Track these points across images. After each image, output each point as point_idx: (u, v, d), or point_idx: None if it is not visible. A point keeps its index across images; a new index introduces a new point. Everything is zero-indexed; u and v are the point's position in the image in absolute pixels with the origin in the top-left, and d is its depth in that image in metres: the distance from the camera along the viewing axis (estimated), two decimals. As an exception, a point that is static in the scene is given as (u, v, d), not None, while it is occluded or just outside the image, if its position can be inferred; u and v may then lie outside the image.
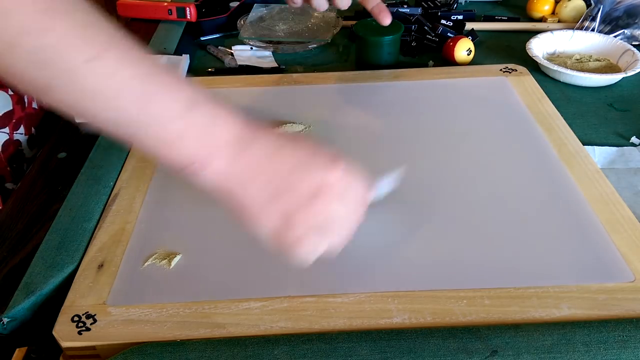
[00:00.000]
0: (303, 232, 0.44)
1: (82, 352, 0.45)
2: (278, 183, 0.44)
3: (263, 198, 0.44)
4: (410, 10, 0.99)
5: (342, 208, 0.46)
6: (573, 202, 0.56)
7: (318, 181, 0.44)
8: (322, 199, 0.44)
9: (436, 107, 0.73)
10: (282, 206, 0.44)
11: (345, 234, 0.46)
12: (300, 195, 0.44)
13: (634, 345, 0.42)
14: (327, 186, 0.44)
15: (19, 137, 0.76)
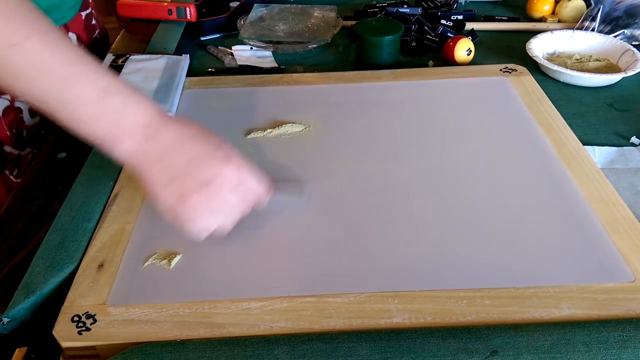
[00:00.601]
0: (195, 212, 0.51)
1: (82, 352, 0.45)
2: (178, 168, 0.51)
3: (164, 179, 0.51)
4: (410, 10, 0.99)
5: (232, 196, 0.52)
6: (573, 202, 0.56)
7: (213, 172, 0.52)
8: (215, 187, 0.51)
9: (436, 107, 0.73)
10: (179, 188, 0.51)
11: (232, 218, 0.53)
12: (196, 181, 0.51)
13: (634, 345, 0.42)
14: (220, 176, 0.52)
15: (20, 105, 0.77)
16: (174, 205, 0.51)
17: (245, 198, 0.53)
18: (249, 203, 0.54)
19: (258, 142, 0.68)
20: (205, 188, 0.51)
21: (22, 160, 0.79)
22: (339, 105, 0.74)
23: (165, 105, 0.73)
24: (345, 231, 0.54)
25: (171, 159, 0.51)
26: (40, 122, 0.81)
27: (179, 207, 0.51)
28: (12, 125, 0.77)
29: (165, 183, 0.51)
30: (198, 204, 0.51)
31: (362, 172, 0.62)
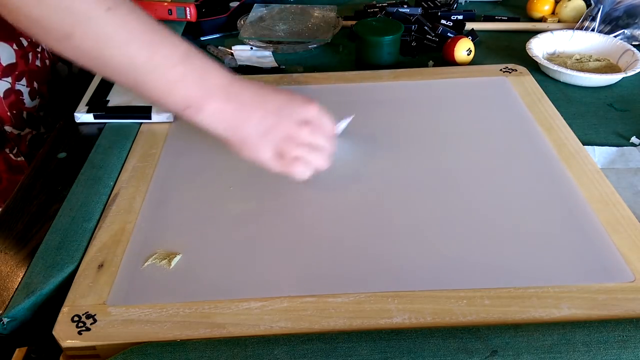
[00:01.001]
0: (296, 154, 0.56)
1: (82, 352, 0.45)
2: (271, 118, 0.55)
3: (260, 131, 0.55)
4: (410, 10, 0.99)
5: (321, 136, 0.57)
6: (573, 202, 0.56)
7: (302, 115, 0.56)
8: (307, 128, 0.56)
9: (436, 107, 0.73)
10: (277, 136, 0.55)
11: (327, 157, 0.58)
12: (290, 127, 0.55)
13: (634, 345, 0.42)
14: (309, 118, 0.56)
15: (20, 88, 0.78)
16: (273, 157, 0.55)
17: (330, 138, 0.58)
18: (333, 142, 0.59)
19: (258, 142, 0.68)
20: (299, 131, 0.55)
21: (22, 140, 0.81)
22: (339, 105, 0.74)
23: (165, 105, 0.73)
24: (345, 231, 0.54)
25: (260, 112, 0.54)
26: (39, 105, 0.82)
27: (279, 158, 0.56)
28: (13, 106, 0.78)
29: (261, 136, 0.55)
30: (296, 147, 0.56)
31: (362, 171, 0.62)
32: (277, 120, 0.55)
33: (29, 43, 0.79)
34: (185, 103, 0.52)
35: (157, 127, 0.71)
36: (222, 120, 0.54)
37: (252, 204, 0.58)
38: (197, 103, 0.52)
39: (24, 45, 0.78)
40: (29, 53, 0.79)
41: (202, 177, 0.63)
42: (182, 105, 0.52)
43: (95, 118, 0.73)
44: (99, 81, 0.78)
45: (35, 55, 0.81)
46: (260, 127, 0.54)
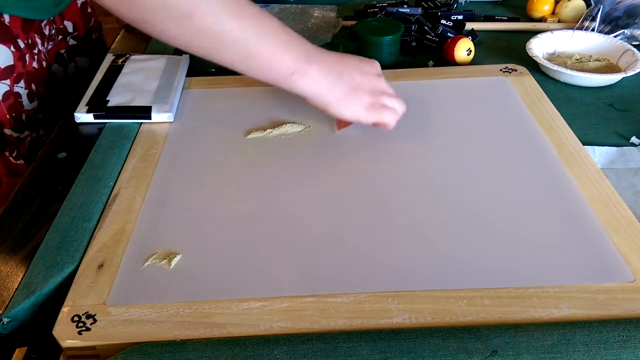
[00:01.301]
0: (383, 103, 0.64)
1: (82, 352, 0.45)
2: (357, 76, 0.63)
3: (351, 88, 0.63)
4: (410, 10, 0.99)
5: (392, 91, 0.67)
6: (573, 202, 0.56)
7: (375, 70, 0.66)
8: (382, 79, 0.66)
9: (436, 107, 0.73)
10: (366, 90, 0.64)
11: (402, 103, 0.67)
12: (371, 80, 0.65)
13: (634, 345, 0.42)
14: (379, 72, 0.67)
15: (19, 90, 0.79)
16: (365, 109, 0.63)
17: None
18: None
19: (258, 142, 0.68)
20: (380, 85, 0.65)
21: (21, 142, 0.81)
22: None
23: (165, 105, 0.73)
24: (345, 231, 0.54)
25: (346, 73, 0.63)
26: (38, 107, 0.82)
27: (371, 110, 0.64)
28: (12, 109, 0.78)
29: (352, 93, 0.63)
30: (383, 99, 0.64)
31: (361, 172, 0.62)
32: (361, 76, 0.63)
33: (25, 45, 0.78)
34: (292, 67, 0.59)
35: (157, 127, 0.71)
36: (323, 82, 0.61)
37: (252, 204, 0.58)
38: (302, 67, 0.59)
39: (21, 47, 0.78)
40: (26, 55, 0.79)
41: (202, 177, 0.63)
42: (290, 70, 0.59)
43: (95, 118, 0.73)
44: (99, 81, 0.78)
45: (32, 57, 0.80)
46: (351, 85, 0.62)
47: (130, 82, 0.77)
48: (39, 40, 0.82)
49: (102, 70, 0.81)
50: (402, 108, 0.66)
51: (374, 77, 0.65)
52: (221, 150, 0.67)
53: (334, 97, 0.62)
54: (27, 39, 0.79)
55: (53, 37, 0.87)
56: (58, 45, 0.89)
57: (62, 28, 0.89)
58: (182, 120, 0.73)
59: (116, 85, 0.77)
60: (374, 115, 0.64)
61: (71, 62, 0.92)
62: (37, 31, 0.81)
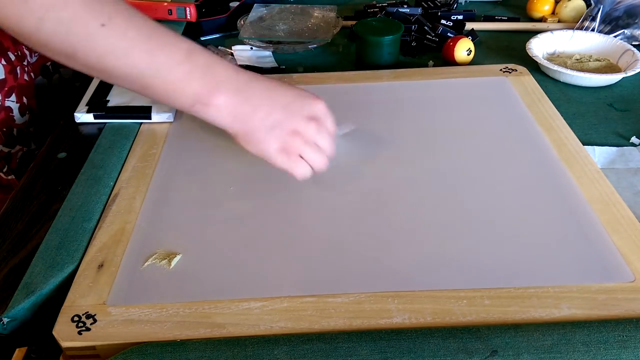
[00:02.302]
0: (300, 151, 0.56)
1: (82, 352, 0.45)
2: (279, 112, 0.55)
3: (267, 125, 0.55)
4: (410, 10, 0.99)
5: (327, 133, 0.58)
6: (573, 202, 0.56)
7: (310, 111, 0.57)
8: (314, 125, 0.56)
9: (436, 107, 0.73)
10: (284, 131, 0.55)
11: (327, 157, 0.58)
12: (298, 122, 0.56)
13: (634, 345, 0.42)
14: (317, 115, 0.57)
15: (10, 104, 0.78)
16: (278, 151, 0.56)
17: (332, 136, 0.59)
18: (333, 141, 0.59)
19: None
20: (305, 130, 0.56)
21: (12, 157, 0.80)
22: (339, 105, 0.74)
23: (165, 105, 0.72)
24: (345, 231, 0.54)
25: (268, 106, 0.55)
26: (29, 121, 0.81)
27: (284, 153, 0.56)
28: (2, 124, 0.77)
29: (268, 130, 0.55)
30: (302, 147, 0.56)
31: (361, 172, 0.62)
32: (285, 115, 0.56)
33: (16, 57, 0.77)
34: (192, 100, 0.53)
35: (157, 127, 0.71)
36: (229, 113, 0.54)
37: (252, 204, 0.58)
38: (205, 99, 0.53)
39: (11, 59, 0.77)
40: (17, 67, 0.78)
41: (202, 177, 0.63)
42: (190, 102, 0.53)
43: (95, 118, 0.73)
44: (99, 81, 0.78)
45: (23, 70, 0.79)
46: (267, 121, 0.55)
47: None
48: (27, 52, 0.81)
49: (102, 70, 0.81)
50: (320, 164, 0.58)
51: (302, 120, 0.56)
52: (221, 150, 0.66)
53: (240, 131, 0.56)
54: (17, 51, 0.78)
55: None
56: (42, 57, 0.88)
57: None
58: (182, 120, 0.73)
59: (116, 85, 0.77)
60: (285, 162, 0.56)
61: (55, 74, 0.91)
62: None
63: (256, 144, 0.56)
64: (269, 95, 0.56)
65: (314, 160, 0.57)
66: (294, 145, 0.56)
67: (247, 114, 0.55)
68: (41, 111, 0.84)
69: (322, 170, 0.58)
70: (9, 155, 0.79)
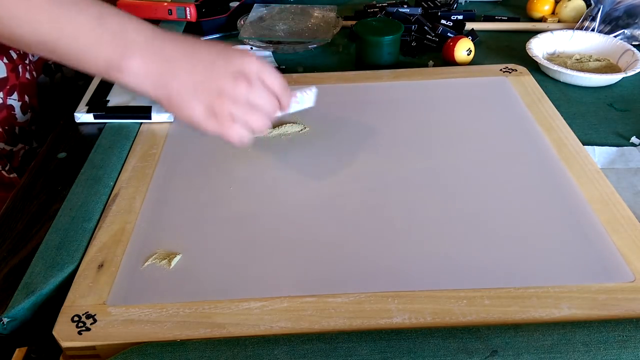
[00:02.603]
0: (230, 113, 0.51)
1: (82, 352, 0.45)
2: (200, 71, 0.50)
3: (188, 87, 0.50)
4: (410, 10, 0.99)
5: (264, 92, 0.52)
6: (573, 202, 0.56)
7: (239, 67, 0.51)
8: (244, 84, 0.51)
9: (436, 107, 0.73)
10: (209, 91, 0.50)
11: (267, 117, 0.53)
12: (224, 81, 0.50)
13: (634, 345, 0.42)
14: (247, 71, 0.51)
15: (12, 103, 0.77)
16: (205, 115, 0.51)
17: (277, 94, 0.54)
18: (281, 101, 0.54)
19: (258, 142, 0.68)
20: (236, 86, 0.51)
21: (14, 155, 0.80)
22: (339, 105, 0.74)
23: (165, 105, 0.72)
24: (345, 231, 0.54)
25: (186, 68, 0.50)
26: (31, 119, 0.81)
27: (212, 118, 0.51)
28: (4, 122, 0.77)
29: (191, 92, 0.51)
30: (231, 108, 0.51)
31: (362, 172, 0.62)
32: (208, 73, 0.51)
33: (18, 55, 0.77)
34: (105, 65, 0.50)
35: (157, 127, 0.71)
36: (147, 78, 0.51)
37: (252, 204, 0.58)
38: (116, 64, 0.50)
39: (13, 58, 0.76)
40: (18, 66, 0.78)
41: (202, 177, 0.63)
42: (103, 68, 0.50)
43: (95, 118, 0.73)
44: (99, 81, 0.78)
45: (25, 68, 0.79)
46: (188, 82, 0.51)
47: (130, 82, 0.77)
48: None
49: (102, 70, 0.81)
50: (257, 124, 0.53)
51: (228, 79, 0.51)
52: (221, 150, 0.66)
53: (162, 96, 0.51)
54: (19, 49, 0.78)
55: None
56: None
57: None
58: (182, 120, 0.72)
59: (116, 85, 0.77)
60: (215, 126, 0.52)
61: (58, 72, 0.91)
62: None
63: (181, 109, 0.52)
64: (189, 54, 0.51)
65: (249, 119, 0.53)
66: (222, 107, 0.51)
67: (166, 77, 0.50)
68: (43, 110, 0.84)
69: (261, 131, 0.54)
70: (11, 153, 0.79)
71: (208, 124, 0.52)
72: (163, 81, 0.51)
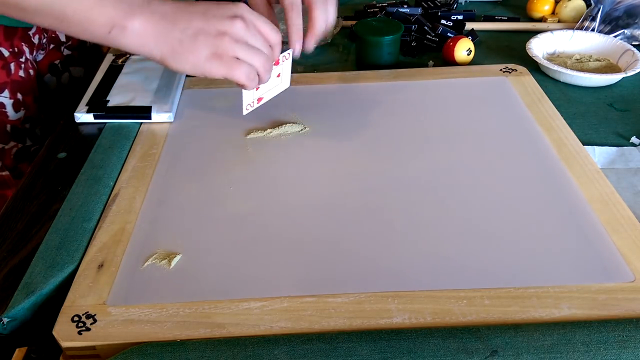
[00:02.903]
0: (234, 53, 0.53)
1: (82, 352, 0.45)
2: (198, 19, 0.53)
3: (189, 34, 0.53)
4: (410, 10, 0.99)
5: (257, 32, 0.55)
6: (573, 202, 0.56)
7: (232, 11, 0.54)
8: (242, 23, 0.53)
9: (436, 107, 0.73)
10: (209, 34, 0.53)
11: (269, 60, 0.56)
12: (221, 23, 0.53)
13: (634, 345, 0.42)
14: (241, 15, 0.54)
15: (3, 100, 0.77)
16: (210, 59, 0.53)
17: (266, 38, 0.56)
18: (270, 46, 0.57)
19: (258, 142, 0.68)
20: (231, 29, 0.53)
21: (6, 154, 0.80)
22: (339, 105, 0.74)
23: (165, 105, 0.73)
24: (345, 231, 0.54)
25: (184, 19, 0.53)
26: (25, 117, 0.81)
27: (216, 59, 0.53)
28: None
29: (190, 41, 0.53)
30: (234, 48, 0.53)
31: (362, 172, 0.62)
32: (206, 19, 0.53)
33: (10, 53, 0.77)
34: (108, 26, 0.52)
35: (157, 127, 0.71)
36: (149, 35, 0.53)
37: (252, 204, 0.58)
38: (120, 23, 0.52)
39: (4, 55, 0.76)
40: (10, 64, 0.77)
41: (202, 177, 0.63)
42: (106, 29, 0.53)
43: (95, 118, 0.73)
44: (99, 81, 0.78)
45: (19, 66, 0.78)
46: (189, 30, 0.53)
47: (131, 82, 0.77)
48: (26, 49, 0.80)
49: (102, 70, 0.81)
50: (260, 63, 0.56)
51: (226, 21, 0.53)
52: (221, 150, 0.67)
53: (166, 50, 0.54)
54: (12, 47, 0.77)
55: (44, 45, 0.85)
56: (51, 55, 0.88)
57: (54, 37, 0.87)
58: (182, 120, 0.73)
59: (116, 85, 0.77)
60: (221, 68, 0.54)
61: (65, 72, 0.91)
62: (23, 39, 0.79)
63: (185, 58, 0.54)
64: (185, 8, 0.54)
65: (252, 59, 0.55)
66: (225, 46, 0.53)
67: (167, 29, 0.53)
68: (43, 108, 0.84)
69: (265, 72, 0.56)
70: (3, 151, 0.79)
71: (214, 67, 0.54)
72: (164, 34, 0.53)
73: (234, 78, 0.55)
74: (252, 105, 0.66)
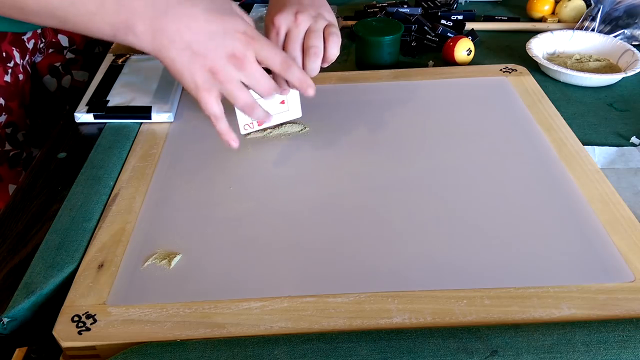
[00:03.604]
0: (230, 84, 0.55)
1: (82, 352, 0.45)
2: (196, 46, 0.53)
3: (183, 60, 0.53)
4: (410, 10, 0.99)
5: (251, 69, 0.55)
6: (573, 202, 0.56)
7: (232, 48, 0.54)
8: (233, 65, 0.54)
9: (436, 107, 0.73)
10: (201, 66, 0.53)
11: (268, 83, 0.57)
12: (216, 60, 0.53)
13: (634, 345, 0.42)
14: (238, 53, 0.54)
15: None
16: (197, 88, 0.55)
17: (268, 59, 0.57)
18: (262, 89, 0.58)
19: (258, 142, 0.68)
20: (222, 71, 0.54)
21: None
22: (339, 105, 0.74)
23: (165, 105, 0.73)
24: (345, 231, 0.54)
25: (185, 40, 0.53)
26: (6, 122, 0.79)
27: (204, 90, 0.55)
28: None
29: (183, 66, 0.54)
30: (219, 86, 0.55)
31: (362, 172, 0.62)
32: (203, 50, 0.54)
33: None
34: (109, 31, 0.53)
35: (157, 127, 0.71)
36: (148, 42, 0.53)
37: (252, 203, 0.58)
38: (124, 27, 0.53)
39: None
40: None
41: (202, 177, 0.63)
42: (110, 32, 0.53)
43: (95, 118, 0.73)
44: (99, 81, 0.78)
45: (5, 71, 0.77)
46: (185, 54, 0.53)
47: (130, 82, 0.77)
48: (16, 54, 0.79)
49: (102, 70, 0.81)
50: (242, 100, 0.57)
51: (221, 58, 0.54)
52: (221, 150, 0.67)
53: (162, 60, 0.54)
54: (0, 51, 0.76)
55: (42, 50, 0.84)
56: (51, 57, 0.87)
57: (55, 42, 0.87)
58: (182, 120, 0.73)
59: (116, 85, 0.77)
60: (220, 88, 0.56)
61: (67, 75, 0.90)
62: (14, 44, 0.78)
63: (177, 76, 0.55)
64: (187, 25, 0.53)
65: (235, 98, 0.56)
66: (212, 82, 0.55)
67: (164, 45, 0.53)
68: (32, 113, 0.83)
69: (246, 107, 0.58)
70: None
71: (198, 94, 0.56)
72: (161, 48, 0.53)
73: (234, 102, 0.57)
74: (250, 127, 0.67)
